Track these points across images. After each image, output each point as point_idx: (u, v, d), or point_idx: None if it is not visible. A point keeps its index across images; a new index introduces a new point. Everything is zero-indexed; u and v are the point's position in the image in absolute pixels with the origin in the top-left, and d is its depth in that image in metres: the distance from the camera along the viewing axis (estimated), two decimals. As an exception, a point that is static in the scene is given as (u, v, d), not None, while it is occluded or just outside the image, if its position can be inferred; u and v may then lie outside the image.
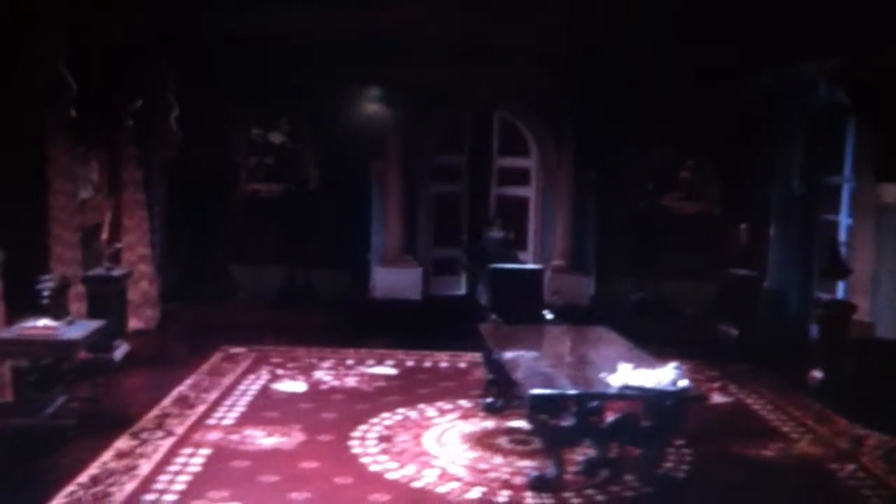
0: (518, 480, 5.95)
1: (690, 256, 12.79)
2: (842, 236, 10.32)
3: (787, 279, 11.58)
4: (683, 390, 5.76)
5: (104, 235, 8.63)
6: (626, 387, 5.72)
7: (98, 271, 8.59)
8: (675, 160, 13.11)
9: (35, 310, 7.53)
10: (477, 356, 9.04)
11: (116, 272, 8.70)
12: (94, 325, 6.94)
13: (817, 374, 8.72)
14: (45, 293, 6.72)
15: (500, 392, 7.57)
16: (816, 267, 10.74)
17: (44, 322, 6.57)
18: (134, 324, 9.70)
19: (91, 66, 8.56)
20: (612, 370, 5.98)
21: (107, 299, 8.42)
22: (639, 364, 6.03)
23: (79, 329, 6.71)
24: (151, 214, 10.31)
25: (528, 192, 13.63)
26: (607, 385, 5.79)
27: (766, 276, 11.90)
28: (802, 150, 11.29)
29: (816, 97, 10.84)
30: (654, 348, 7.06)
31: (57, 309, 6.81)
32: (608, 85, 12.11)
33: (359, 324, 11.31)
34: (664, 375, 5.81)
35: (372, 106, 12.92)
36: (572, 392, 5.87)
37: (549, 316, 8.42)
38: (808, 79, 10.82)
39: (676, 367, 5.90)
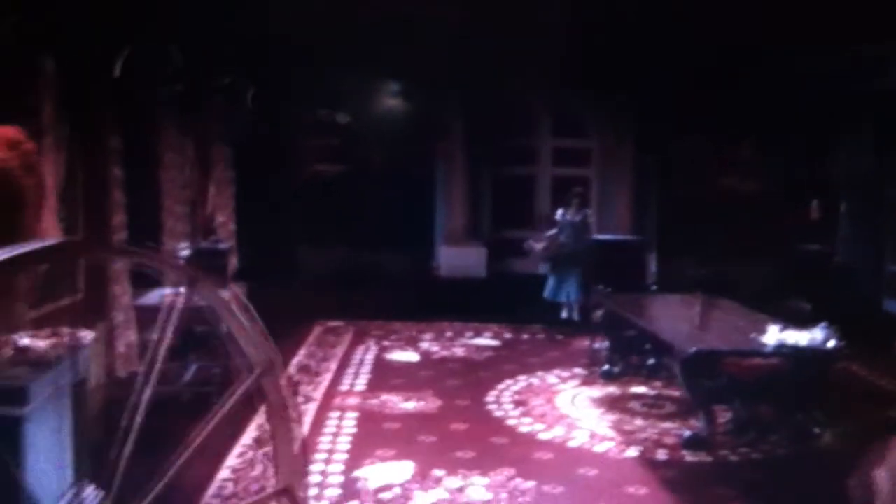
0: (669, 440, 6.04)
1: (751, 234, 12.87)
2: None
3: (857, 254, 11.70)
4: (837, 349, 5.87)
5: (207, 209, 8.67)
6: (782, 345, 5.83)
7: (205, 245, 8.63)
8: (736, 138, 13.18)
9: (152, 282, 7.59)
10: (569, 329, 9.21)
11: (222, 245, 8.75)
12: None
13: (906, 343, 8.84)
14: (182, 263, 6.77)
15: (617, 359, 7.68)
16: (889, 242, 10.87)
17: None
18: (225, 299, 9.72)
19: (186, 41, 8.59)
20: (758, 331, 6.09)
21: (214, 272, 8.42)
22: (784, 327, 6.13)
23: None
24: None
25: (587, 172, 13.67)
26: (763, 344, 5.88)
27: (836, 252, 12.01)
28: (872, 126, 11.40)
29: (888, 73, 10.92)
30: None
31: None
32: (667, 65, 12.16)
33: (432, 300, 11.34)
34: (815, 335, 5.91)
35: (433, 87, 12.95)
36: (729, 350, 5.96)
37: (653, 287, 8.51)
38: (878, 55, 10.90)
39: (824, 328, 6.00)
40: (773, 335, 5.94)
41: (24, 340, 4.19)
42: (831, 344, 5.89)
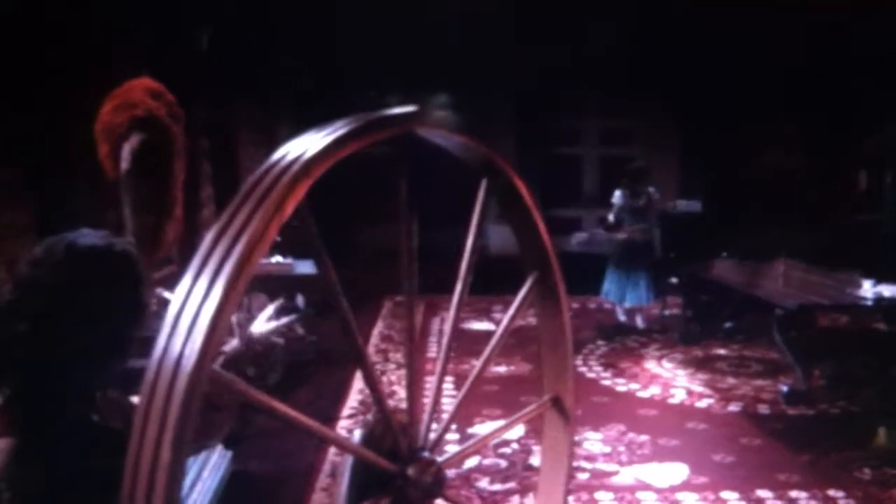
0: (766, 396, 6.14)
1: (799, 207, 12.90)
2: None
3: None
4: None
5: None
6: (881, 297, 5.91)
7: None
8: (779, 113, 13.22)
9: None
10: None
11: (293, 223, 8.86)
12: (310, 262, 7.07)
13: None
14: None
15: (693, 323, 7.80)
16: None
17: (276, 258, 6.73)
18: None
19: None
20: (850, 287, 6.18)
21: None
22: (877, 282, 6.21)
23: (307, 265, 6.86)
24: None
25: (633, 151, 13.74)
26: (861, 297, 5.97)
27: (885, 221, 12.06)
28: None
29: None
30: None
31: (282, 247, 6.95)
32: (706, 44, 12.18)
33: (488, 276, 11.41)
34: (911, 287, 6.01)
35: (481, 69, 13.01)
36: (831, 304, 6.05)
37: (723, 254, 8.57)
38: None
39: (918, 281, 6.08)
40: (868, 289, 6.02)
41: (166, 293, 4.22)
42: (926, 296, 5.99)
